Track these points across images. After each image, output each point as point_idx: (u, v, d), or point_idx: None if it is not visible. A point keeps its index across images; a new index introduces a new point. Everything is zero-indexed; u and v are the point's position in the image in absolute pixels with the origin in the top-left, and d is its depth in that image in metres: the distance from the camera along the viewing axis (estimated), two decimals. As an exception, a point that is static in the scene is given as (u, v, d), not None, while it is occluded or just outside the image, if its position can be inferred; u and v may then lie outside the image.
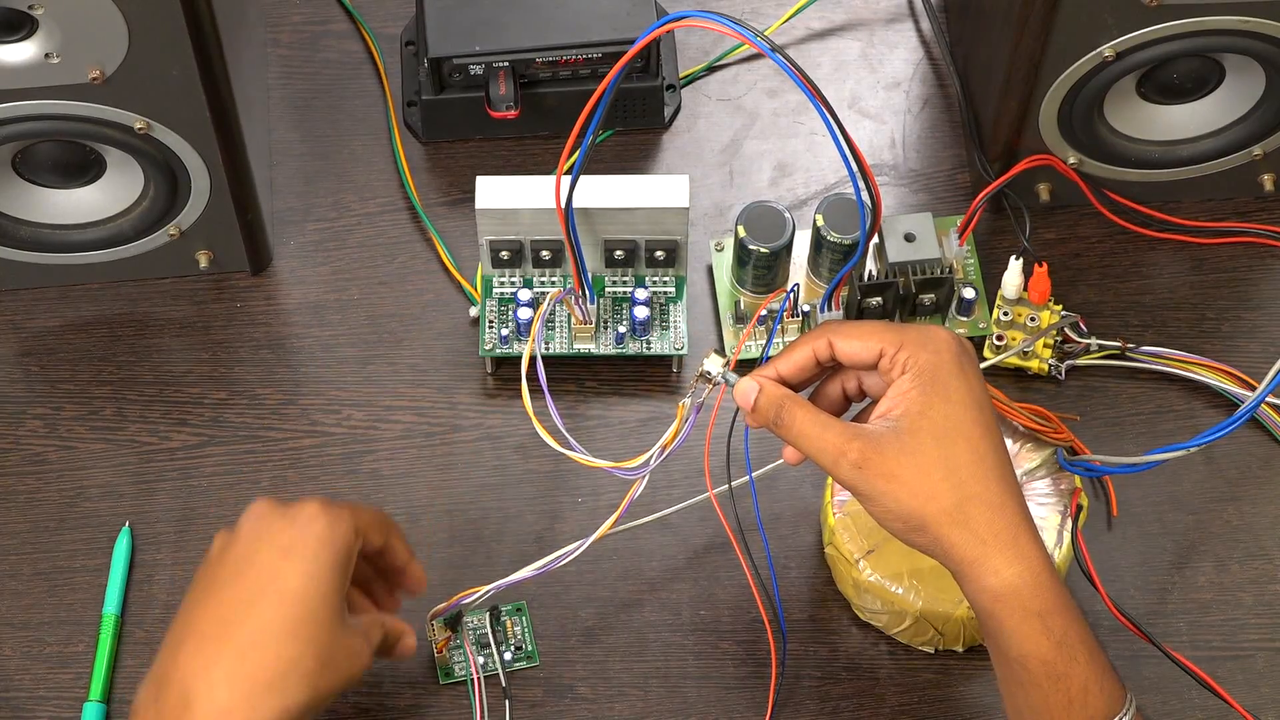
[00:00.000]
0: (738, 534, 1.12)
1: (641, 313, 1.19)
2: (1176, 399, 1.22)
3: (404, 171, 1.29)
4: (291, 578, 0.95)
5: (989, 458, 0.96)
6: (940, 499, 0.95)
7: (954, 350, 0.98)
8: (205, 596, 0.97)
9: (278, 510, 0.99)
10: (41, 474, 1.19)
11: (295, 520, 0.97)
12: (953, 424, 0.96)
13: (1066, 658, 0.94)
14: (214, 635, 0.95)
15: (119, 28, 1.05)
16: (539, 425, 1.07)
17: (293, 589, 0.95)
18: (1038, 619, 0.94)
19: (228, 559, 0.98)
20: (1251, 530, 1.18)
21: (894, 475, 0.95)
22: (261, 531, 0.97)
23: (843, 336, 1.00)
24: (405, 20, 1.34)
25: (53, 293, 1.25)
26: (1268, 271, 1.26)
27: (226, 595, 0.96)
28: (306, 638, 0.95)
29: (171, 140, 1.14)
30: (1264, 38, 1.15)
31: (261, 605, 0.95)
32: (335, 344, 1.24)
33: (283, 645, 0.94)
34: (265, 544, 0.97)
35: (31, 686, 1.12)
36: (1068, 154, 1.22)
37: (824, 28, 1.36)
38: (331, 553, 0.97)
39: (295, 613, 0.95)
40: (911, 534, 0.97)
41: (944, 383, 0.97)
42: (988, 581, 0.95)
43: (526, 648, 1.12)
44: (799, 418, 0.98)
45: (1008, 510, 0.95)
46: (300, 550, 0.96)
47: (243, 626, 0.95)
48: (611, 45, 1.25)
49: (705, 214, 1.28)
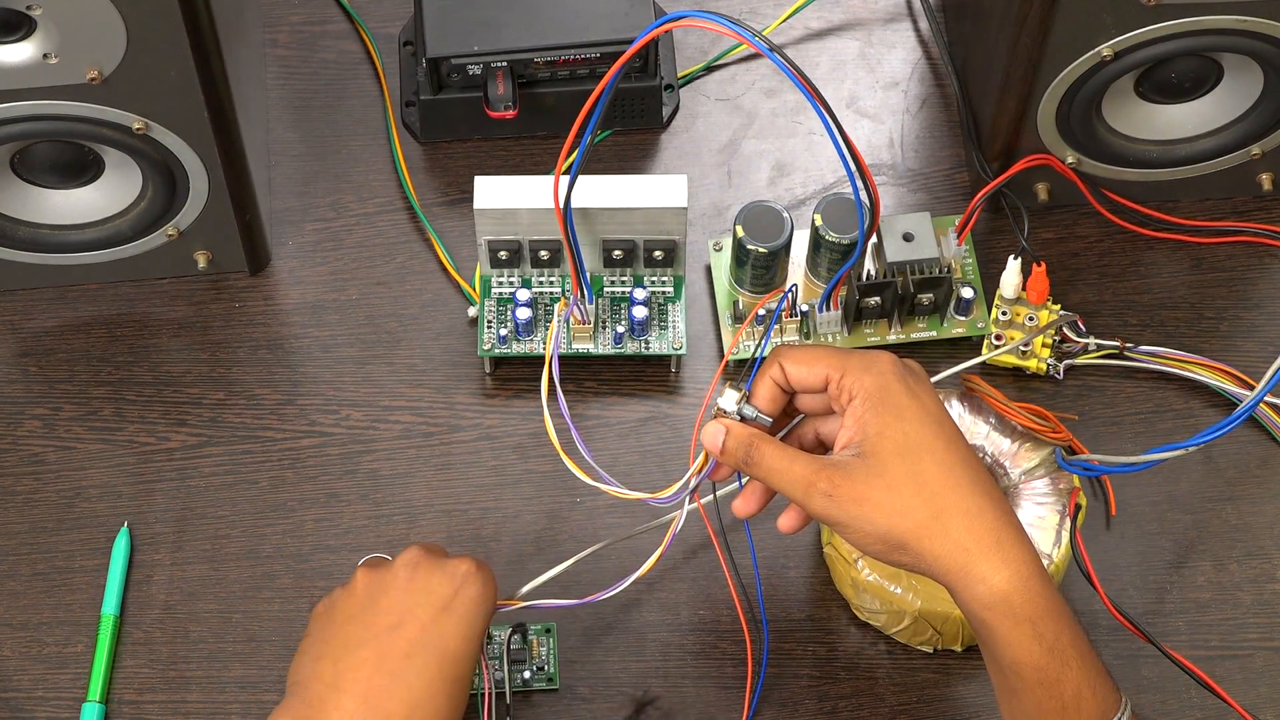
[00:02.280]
0: (721, 537, 1.13)
1: (640, 313, 1.19)
2: (1175, 398, 1.22)
3: (402, 171, 1.29)
4: (451, 639, 0.96)
5: (957, 469, 0.96)
6: (914, 514, 0.95)
7: (897, 371, 0.98)
8: (359, 644, 0.96)
9: (435, 564, 0.99)
10: (40, 474, 1.19)
11: (453, 577, 0.98)
12: (913, 441, 0.96)
13: (1058, 663, 0.94)
14: (380, 689, 0.95)
15: (117, 28, 1.05)
16: (568, 460, 1.06)
17: (452, 650, 0.96)
18: (1028, 625, 0.94)
19: (382, 606, 0.97)
20: (1250, 529, 1.18)
21: (864, 498, 0.95)
22: (420, 584, 0.98)
23: (791, 361, 1.00)
24: (403, 20, 1.34)
25: (51, 293, 1.25)
26: (1266, 270, 1.26)
27: (387, 647, 0.96)
28: (459, 696, 0.96)
29: (170, 140, 1.14)
30: (1262, 37, 1.15)
31: (421, 662, 0.95)
32: (334, 344, 1.24)
33: (439, 704, 0.95)
34: (424, 598, 0.97)
35: (30, 687, 1.12)
36: (1066, 153, 1.22)
37: (822, 27, 1.36)
38: (483, 614, 0.98)
39: (453, 673, 0.96)
40: (894, 554, 0.96)
41: (894, 402, 0.97)
42: (976, 590, 0.95)
43: (549, 669, 1.11)
44: (767, 454, 0.99)
45: (986, 517, 0.95)
46: (459, 610, 0.97)
47: (405, 681, 0.95)
48: (609, 45, 1.25)
49: (704, 214, 1.28)
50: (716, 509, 1.12)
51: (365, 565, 1.00)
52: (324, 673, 0.97)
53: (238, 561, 1.16)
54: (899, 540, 0.95)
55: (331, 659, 0.97)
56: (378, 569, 1.00)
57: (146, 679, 1.13)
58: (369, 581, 0.99)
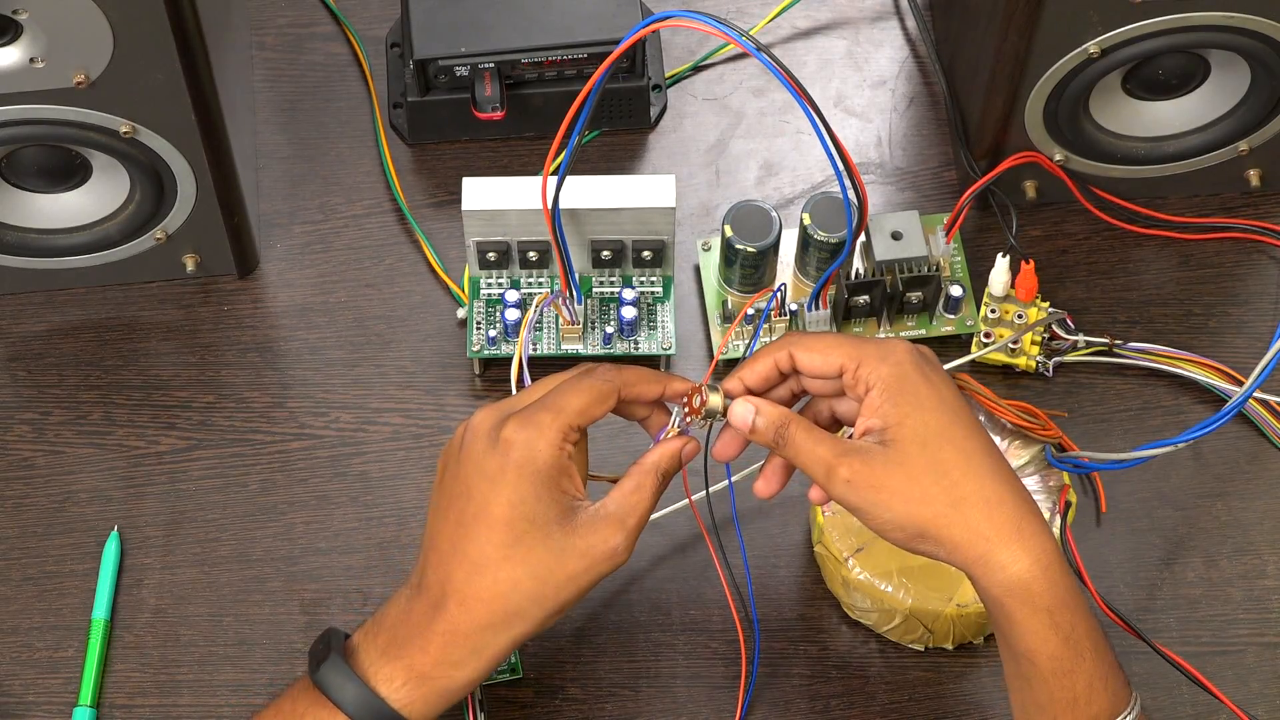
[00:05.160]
0: (712, 535, 1.13)
1: (629, 313, 1.19)
2: (1164, 395, 1.22)
3: (390, 173, 1.29)
4: (496, 506, 0.97)
5: (976, 456, 0.96)
6: (934, 503, 0.95)
7: (913, 359, 0.98)
8: (439, 514, 1.00)
9: (489, 435, 0.99)
10: (29, 479, 1.19)
11: (497, 446, 0.98)
12: (933, 429, 0.96)
13: (1073, 654, 0.94)
14: (450, 549, 0.98)
15: (103, 32, 1.05)
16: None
17: (499, 516, 0.97)
18: (1046, 614, 0.94)
19: (447, 480, 1.00)
20: (1240, 525, 1.18)
21: (883, 486, 0.96)
22: (475, 458, 0.99)
23: (803, 349, 1.00)
24: (390, 22, 1.34)
25: (39, 297, 1.25)
26: (1254, 266, 1.27)
27: (452, 516, 0.98)
28: (520, 559, 0.97)
29: (157, 144, 1.13)
30: (1248, 33, 1.15)
31: (474, 531, 0.97)
32: (323, 346, 1.23)
33: (500, 569, 0.96)
34: (476, 472, 0.98)
35: (20, 692, 1.12)
36: (1054, 151, 1.23)
37: (809, 26, 1.36)
38: (533, 474, 0.97)
39: (505, 538, 0.97)
40: (915, 542, 0.97)
41: (913, 391, 0.97)
42: (996, 577, 0.95)
43: (510, 659, 1.12)
44: (795, 435, 0.99)
45: (1006, 505, 0.96)
46: (502, 478, 0.97)
47: (468, 549, 0.97)
48: (597, 46, 1.25)
49: (692, 214, 1.28)
50: (709, 508, 1.12)
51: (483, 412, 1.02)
52: (426, 535, 1.00)
53: (228, 565, 1.16)
54: (919, 529, 0.96)
55: (430, 526, 1.00)
56: (473, 425, 1.01)
57: (137, 683, 1.13)
58: (450, 450, 1.01)
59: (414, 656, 0.97)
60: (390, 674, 0.96)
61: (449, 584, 0.97)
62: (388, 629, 0.98)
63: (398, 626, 0.98)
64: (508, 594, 0.96)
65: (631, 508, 0.99)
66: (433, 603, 0.97)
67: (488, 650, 0.97)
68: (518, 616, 0.97)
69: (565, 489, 0.98)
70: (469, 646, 0.97)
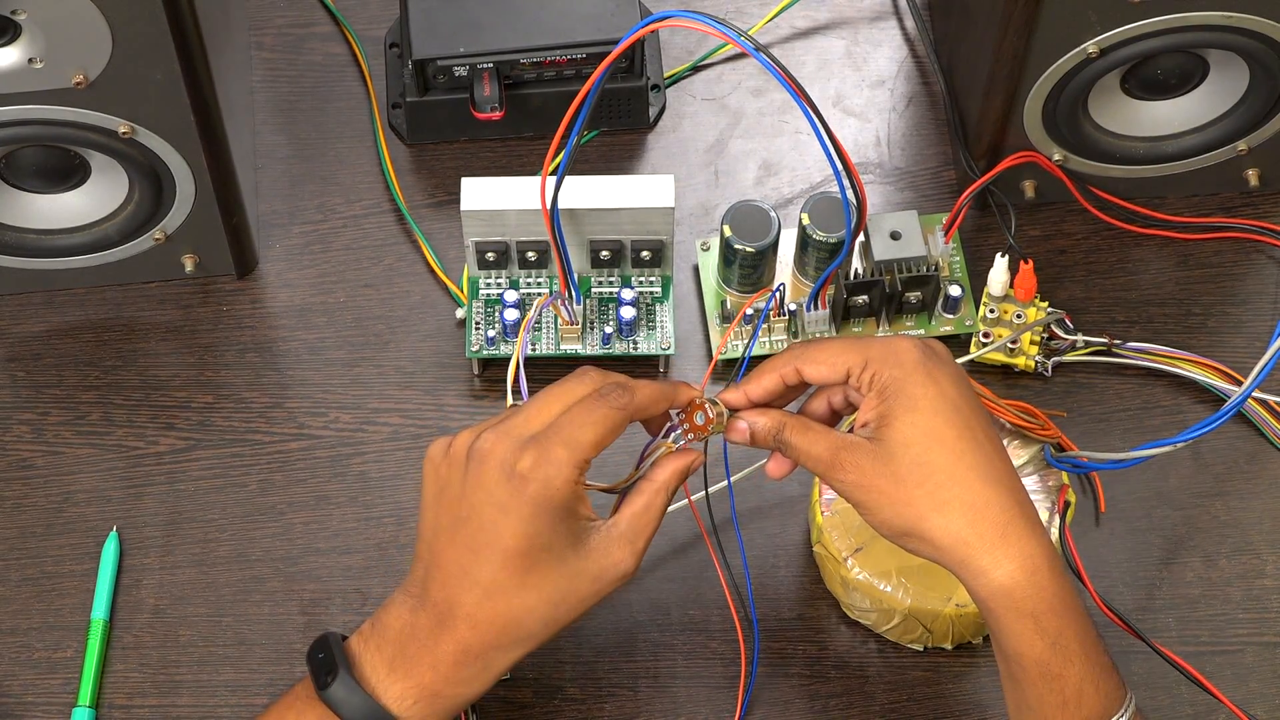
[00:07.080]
0: (712, 535, 1.13)
1: (628, 313, 1.19)
2: (1163, 395, 1.22)
3: (389, 174, 1.29)
4: (509, 537, 0.96)
5: (967, 457, 0.96)
6: (917, 505, 0.96)
7: (917, 359, 0.98)
8: (441, 533, 0.98)
9: (502, 465, 0.97)
10: (28, 479, 1.19)
11: (511, 480, 0.96)
12: (921, 431, 0.96)
13: (1060, 659, 0.94)
14: (459, 572, 0.97)
15: (102, 32, 1.05)
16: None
17: (513, 547, 0.96)
18: (1030, 620, 0.94)
19: (448, 500, 0.98)
20: (1239, 525, 1.18)
21: (872, 486, 0.97)
22: (485, 485, 0.97)
23: (809, 362, 1.01)
24: (389, 22, 1.34)
25: (38, 298, 1.25)
26: (1253, 266, 1.27)
27: (459, 538, 0.97)
28: (534, 585, 0.96)
29: (156, 144, 1.13)
30: (1247, 33, 1.15)
31: (486, 558, 0.96)
32: (322, 347, 1.23)
33: (514, 596, 0.96)
34: (486, 500, 0.96)
35: (20, 692, 1.12)
36: (1053, 151, 1.23)
37: (808, 26, 1.36)
38: (549, 510, 0.96)
39: (519, 565, 0.96)
40: (904, 540, 0.98)
41: (910, 393, 0.97)
42: (979, 581, 0.95)
43: None
44: (792, 437, 1.00)
45: (992, 509, 0.95)
46: (516, 510, 0.96)
47: (479, 575, 0.96)
48: (596, 46, 1.25)
49: (691, 214, 1.28)
50: (708, 508, 1.12)
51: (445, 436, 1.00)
52: (421, 545, 0.99)
53: (227, 565, 1.16)
54: (905, 529, 0.97)
55: (426, 536, 0.99)
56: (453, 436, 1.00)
57: (136, 683, 1.13)
58: (439, 455, 0.99)
59: (424, 675, 0.96)
60: (401, 693, 0.96)
61: (458, 606, 0.96)
62: (392, 641, 0.97)
63: (405, 642, 0.97)
64: (521, 619, 0.96)
65: (642, 528, 0.99)
66: (439, 619, 0.96)
67: (496, 667, 0.97)
68: (530, 638, 0.97)
69: (578, 514, 0.98)
70: (479, 665, 0.97)
